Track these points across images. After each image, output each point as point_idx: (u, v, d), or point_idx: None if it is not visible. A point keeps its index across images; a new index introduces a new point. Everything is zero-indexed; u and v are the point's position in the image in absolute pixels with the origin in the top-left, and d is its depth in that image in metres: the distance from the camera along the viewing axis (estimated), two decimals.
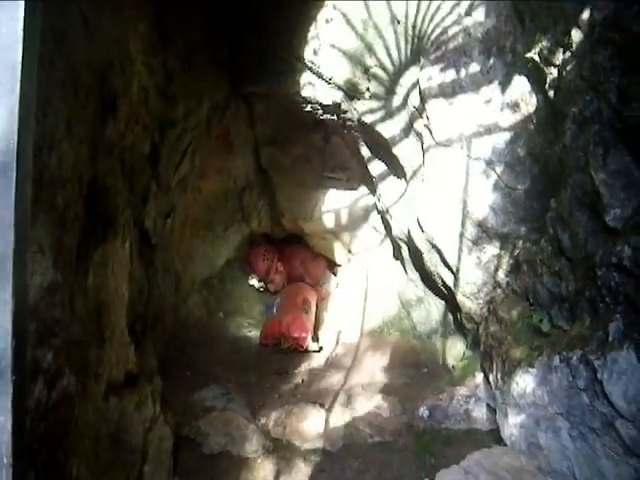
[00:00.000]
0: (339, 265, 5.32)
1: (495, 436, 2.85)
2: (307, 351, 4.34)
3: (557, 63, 2.48)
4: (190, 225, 4.42)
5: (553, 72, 2.52)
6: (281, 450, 3.01)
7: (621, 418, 2.20)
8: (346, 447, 2.96)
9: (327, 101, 3.64)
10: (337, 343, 4.47)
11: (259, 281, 5.15)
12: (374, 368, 3.75)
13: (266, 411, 3.15)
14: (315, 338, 4.55)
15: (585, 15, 2.25)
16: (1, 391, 0.67)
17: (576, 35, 2.32)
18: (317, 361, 4.21)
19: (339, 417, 3.09)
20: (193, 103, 3.60)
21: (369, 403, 3.11)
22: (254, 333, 4.70)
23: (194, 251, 4.52)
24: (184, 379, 3.39)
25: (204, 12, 3.46)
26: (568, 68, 2.41)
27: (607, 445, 2.25)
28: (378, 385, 3.38)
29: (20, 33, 0.67)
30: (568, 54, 2.40)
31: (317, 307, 4.95)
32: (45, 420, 1.51)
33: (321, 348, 4.44)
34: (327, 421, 3.07)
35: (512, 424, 2.69)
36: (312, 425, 3.04)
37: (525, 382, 2.63)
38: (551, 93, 2.56)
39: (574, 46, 2.35)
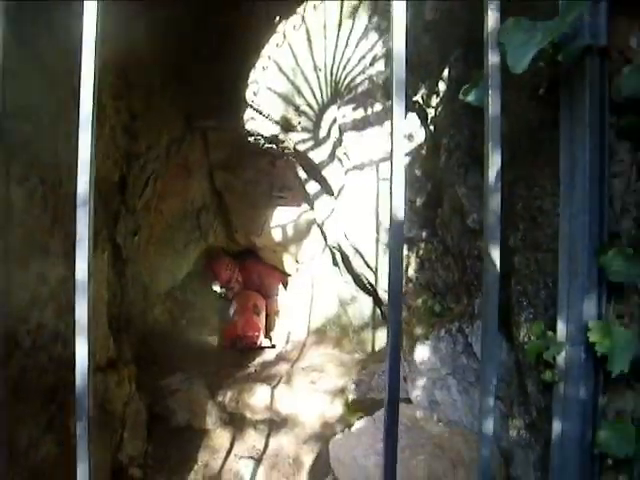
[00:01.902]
0: (289, 275, 6.11)
1: (408, 402, 3.67)
2: (261, 348, 5.14)
3: (433, 105, 3.36)
4: (154, 242, 5.17)
5: (431, 112, 3.39)
6: (235, 421, 3.76)
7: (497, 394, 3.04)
8: (287, 416, 3.76)
9: (267, 133, 4.47)
10: (287, 341, 5.28)
11: (221, 287, 5.92)
12: (315, 358, 4.56)
13: (222, 391, 3.91)
14: (268, 337, 5.37)
15: (446, 72, 3.13)
16: None
17: (442, 86, 3.19)
18: (269, 356, 4.99)
19: (282, 393, 3.89)
20: (154, 138, 4.37)
21: (306, 379, 3.93)
22: (213, 337, 5.48)
23: (158, 265, 5.27)
24: (153, 371, 4.12)
25: (161, 62, 4.24)
26: (439, 110, 3.27)
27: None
28: (315, 367, 4.20)
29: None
30: (439, 99, 3.27)
31: (267, 315, 5.77)
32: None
33: (274, 345, 5.26)
34: (272, 396, 3.86)
35: (416, 387, 3.50)
36: (260, 400, 3.81)
37: (423, 352, 3.45)
38: (432, 128, 3.43)
39: (441, 94, 3.23)
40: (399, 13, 1.24)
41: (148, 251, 4.95)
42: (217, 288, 5.92)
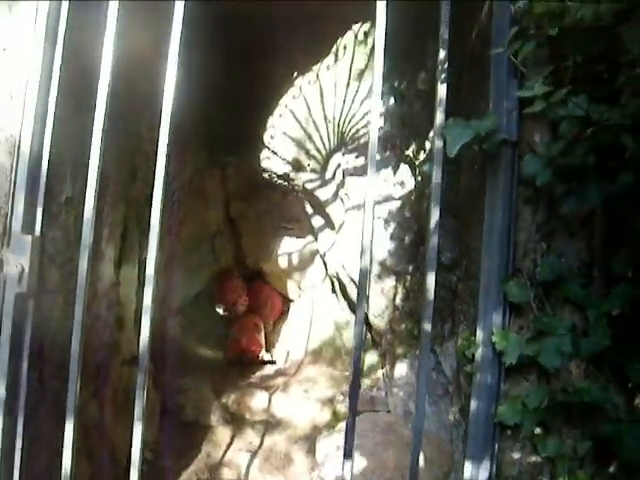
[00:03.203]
0: (292, 300, 6.75)
1: (388, 412, 4.28)
2: (263, 363, 5.78)
3: (421, 159, 4.05)
4: (171, 262, 5.85)
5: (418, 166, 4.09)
6: (236, 421, 4.38)
7: (450, 384, 3.66)
8: (282, 419, 4.37)
9: (280, 171, 5.19)
10: (286, 360, 5.91)
11: (224, 310, 6.46)
12: (310, 373, 5.19)
13: (226, 394, 4.54)
14: (269, 354, 6.02)
15: (431, 134, 3.82)
16: None
17: (428, 145, 3.89)
18: (268, 371, 5.63)
19: (278, 399, 4.52)
20: (179, 170, 5.09)
21: (300, 389, 4.56)
22: (218, 353, 6.12)
23: (174, 282, 5.94)
24: (166, 371, 4.76)
25: (190, 103, 4.98)
26: (425, 166, 3.97)
27: (445, 405, 3.69)
28: (308, 379, 4.83)
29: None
30: (425, 155, 3.96)
31: (267, 334, 6.40)
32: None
33: (274, 362, 5.90)
34: (269, 401, 4.48)
35: (395, 399, 4.12)
36: (259, 403, 4.43)
37: (402, 369, 4.07)
38: (419, 178, 4.12)
39: (427, 151, 3.92)
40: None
41: (166, 269, 5.62)
42: (220, 310, 6.45)
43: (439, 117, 2.06)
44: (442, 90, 2.07)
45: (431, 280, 1.99)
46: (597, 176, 1.87)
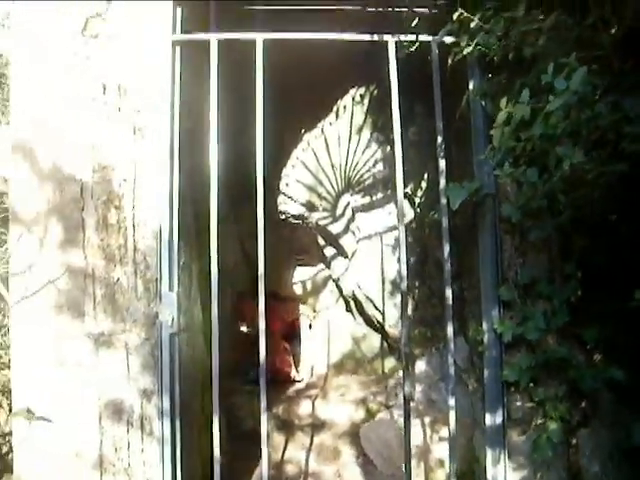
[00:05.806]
0: (310, 322, 7.86)
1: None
2: (294, 380, 6.89)
3: (418, 195, 5.26)
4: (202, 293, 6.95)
5: (417, 200, 5.30)
6: (286, 427, 5.47)
7: (463, 373, 4.83)
8: (325, 420, 5.49)
9: (295, 213, 6.38)
10: (311, 375, 7.03)
11: (247, 328, 7.42)
12: (339, 381, 6.33)
13: (275, 406, 5.66)
14: (297, 372, 7.13)
15: (426, 175, 5.04)
16: None
17: (423, 184, 5.12)
18: (300, 386, 6.75)
19: (319, 404, 5.64)
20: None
21: (336, 394, 5.70)
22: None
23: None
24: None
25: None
26: (422, 199, 5.17)
27: (461, 389, 4.86)
28: (341, 385, 5.97)
29: None
30: (422, 192, 5.17)
31: (294, 354, 7.50)
32: None
33: (302, 379, 7.01)
34: (313, 407, 5.61)
35: (417, 392, 5.28)
36: (304, 410, 5.55)
37: (421, 366, 5.25)
38: (418, 210, 5.33)
39: (424, 189, 5.13)
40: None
41: (201, 301, 6.72)
42: (244, 328, 7.46)
43: (442, 182, 3.25)
44: (442, 163, 3.26)
45: (448, 292, 3.16)
46: (549, 214, 3.08)
